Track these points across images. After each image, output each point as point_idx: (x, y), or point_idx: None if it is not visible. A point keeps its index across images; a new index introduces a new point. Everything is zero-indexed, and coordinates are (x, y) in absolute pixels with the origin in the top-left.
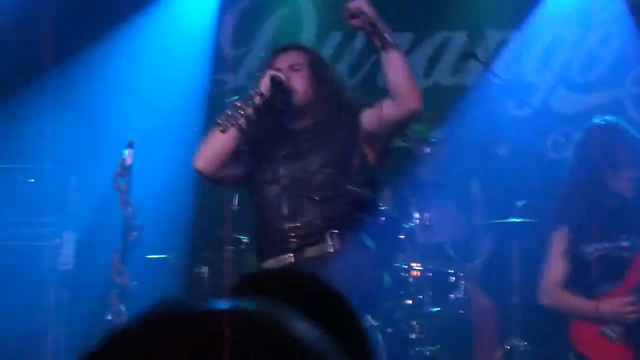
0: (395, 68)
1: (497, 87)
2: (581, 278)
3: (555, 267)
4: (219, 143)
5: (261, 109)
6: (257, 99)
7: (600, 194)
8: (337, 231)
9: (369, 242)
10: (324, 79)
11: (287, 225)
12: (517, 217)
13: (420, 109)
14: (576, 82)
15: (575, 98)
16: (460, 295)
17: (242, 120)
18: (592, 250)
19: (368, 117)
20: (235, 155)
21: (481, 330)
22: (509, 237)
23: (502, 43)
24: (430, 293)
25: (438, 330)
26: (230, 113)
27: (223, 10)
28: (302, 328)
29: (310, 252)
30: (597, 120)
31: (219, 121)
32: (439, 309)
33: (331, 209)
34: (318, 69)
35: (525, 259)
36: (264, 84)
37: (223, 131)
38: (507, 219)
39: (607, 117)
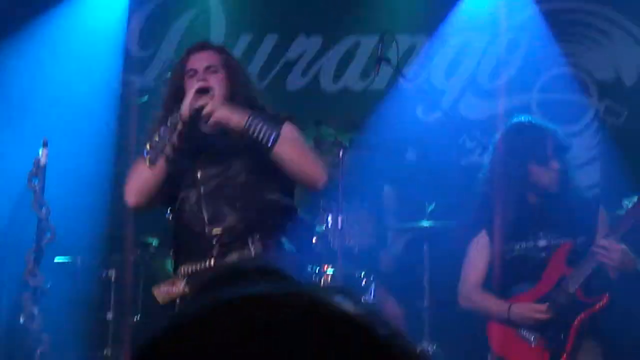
0: (287, 162)
1: (407, 92)
2: (499, 278)
3: (474, 269)
4: (148, 177)
5: (183, 133)
6: (180, 126)
7: (522, 190)
8: (258, 236)
9: (289, 246)
10: (239, 81)
11: (207, 230)
12: (427, 220)
13: (325, 182)
14: (484, 87)
15: (483, 103)
16: (371, 299)
17: (167, 149)
18: (509, 249)
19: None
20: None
21: None
22: (419, 241)
23: (413, 48)
24: None
25: None
26: (155, 143)
27: (132, 10)
28: (344, 302)
29: (232, 257)
30: (518, 118)
31: (145, 153)
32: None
33: (251, 214)
34: (233, 70)
35: (435, 262)
36: (185, 109)
37: (151, 164)
38: (417, 222)
39: (528, 116)
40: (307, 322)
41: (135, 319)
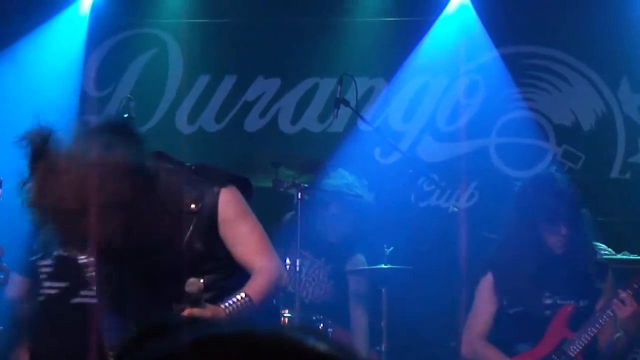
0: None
1: (366, 134)
2: (500, 334)
3: (479, 320)
4: None
5: None
6: None
7: (533, 247)
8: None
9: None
10: None
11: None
12: (386, 263)
13: (284, 279)
14: (442, 130)
15: (441, 146)
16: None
17: None
18: (514, 304)
19: (228, 238)
20: None
21: None
22: (378, 284)
23: (371, 90)
24: None
25: None
26: None
27: (88, 50)
28: (317, 342)
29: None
30: (535, 174)
31: None
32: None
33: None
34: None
35: (393, 305)
36: None
37: None
38: (376, 265)
39: (545, 172)
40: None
41: None
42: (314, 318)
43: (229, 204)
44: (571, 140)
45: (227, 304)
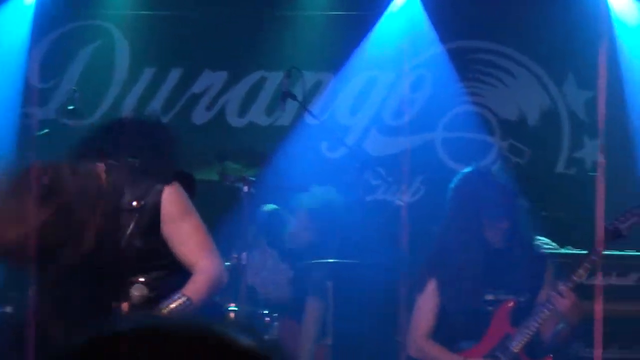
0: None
1: (313, 128)
2: (444, 331)
3: (423, 319)
4: None
5: None
6: None
7: (474, 244)
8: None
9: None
10: None
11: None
12: (332, 257)
13: (223, 278)
14: (389, 125)
15: (387, 140)
16: (275, 336)
17: None
18: (457, 302)
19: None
20: None
21: None
22: (324, 277)
23: (319, 84)
24: None
25: None
26: None
27: (33, 42)
28: (246, 339)
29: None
30: (471, 169)
31: None
32: (275, 346)
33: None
34: None
35: (340, 299)
36: None
37: None
38: (323, 259)
39: (481, 166)
40: (208, 357)
41: None
42: (261, 312)
43: (172, 202)
44: (517, 135)
45: (167, 306)
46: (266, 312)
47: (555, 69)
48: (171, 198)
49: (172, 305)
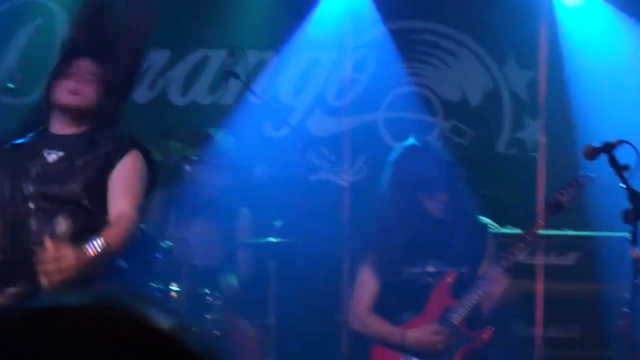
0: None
1: (256, 107)
2: (386, 304)
3: (365, 292)
4: None
5: None
6: None
7: (414, 215)
8: None
9: (122, 263)
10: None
11: (35, 249)
12: (275, 237)
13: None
14: (332, 105)
15: (330, 120)
16: (217, 317)
17: None
18: (397, 273)
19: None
20: None
21: (240, 351)
22: (266, 257)
23: (262, 63)
24: (187, 314)
25: None
26: None
27: None
28: (158, 316)
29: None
30: (410, 141)
31: None
32: (195, 330)
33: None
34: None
35: (282, 280)
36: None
37: None
38: (265, 238)
39: (420, 138)
40: (111, 333)
41: None
42: (201, 291)
43: (134, 162)
44: (459, 116)
45: (90, 247)
46: (208, 291)
47: (496, 49)
48: (135, 159)
49: (94, 247)
